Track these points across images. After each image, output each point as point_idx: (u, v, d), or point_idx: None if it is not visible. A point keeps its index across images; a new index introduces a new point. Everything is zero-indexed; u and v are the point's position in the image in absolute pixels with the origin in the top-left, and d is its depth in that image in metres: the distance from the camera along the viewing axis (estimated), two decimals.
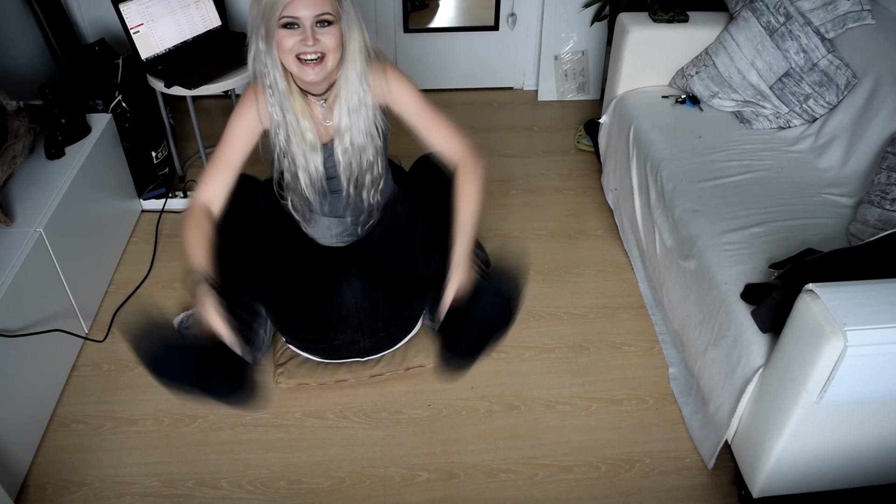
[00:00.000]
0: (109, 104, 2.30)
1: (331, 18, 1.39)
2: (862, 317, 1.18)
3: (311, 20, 1.37)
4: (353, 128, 1.53)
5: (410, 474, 1.63)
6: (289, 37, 1.38)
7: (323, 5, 1.38)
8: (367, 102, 1.51)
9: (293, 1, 1.35)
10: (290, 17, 1.36)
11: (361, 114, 1.51)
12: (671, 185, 1.89)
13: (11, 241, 1.69)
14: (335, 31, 1.40)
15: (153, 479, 1.61)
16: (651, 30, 2.23)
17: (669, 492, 1.59)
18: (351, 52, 1.45)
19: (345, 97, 1.50)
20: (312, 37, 1.38)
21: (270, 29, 1.39)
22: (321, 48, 1.40)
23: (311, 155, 1.55)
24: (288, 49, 1.40)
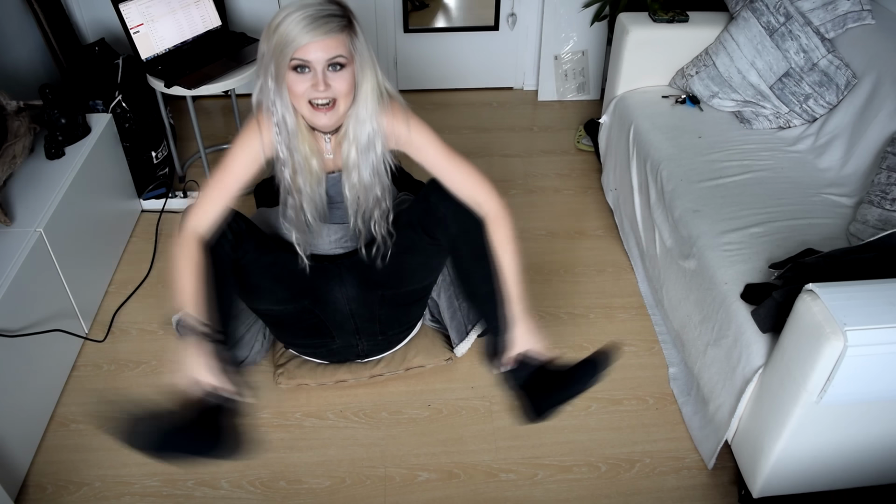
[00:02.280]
0: (109, 104, 2.30)
1: (343, 61, 1.33)
2: (862, 317, 1.18)
3: (323, 64, 1.31)
4: (362, 166, 1.47)
5: (410, 474, 1.63)
6: (300, 81, 1.32)
7: (336, 48, 1.31)
8: (376, 143, 1.45)
9: (306, 44, 1.29)
10: (300, 59, 1.30)
11: (370, 154, 1.46)
12: (671, 185, 1.89)
13: (11, 241, 1.69)
14: (348, 74, 1.35)
15: (153, 479, 1.61)
16: (651, 30, 2.23)
17: (669, 492, 1.59)
18: (363, 93, 1.40)
19: (354, 136, 1.44)
20: (324, 82, 1.32)
21: (280, 70, 1.33)
22: (333, 93, 1.34)
23: (316, 186, 1.51)
24: (299, 94, 1.34)
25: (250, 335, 1.80)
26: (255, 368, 1.86)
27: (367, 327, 1.71)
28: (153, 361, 1.89)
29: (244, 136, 1.48)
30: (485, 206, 1.51)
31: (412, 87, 3.17)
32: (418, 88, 3.17)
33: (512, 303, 1.52)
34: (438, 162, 1.51)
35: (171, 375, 1.37)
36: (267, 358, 1.88)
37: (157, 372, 1.86)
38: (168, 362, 1.45)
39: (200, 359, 1.37)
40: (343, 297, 1.64)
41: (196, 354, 1.37)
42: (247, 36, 2.44)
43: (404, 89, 3.16)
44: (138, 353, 1.91)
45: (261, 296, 1.65)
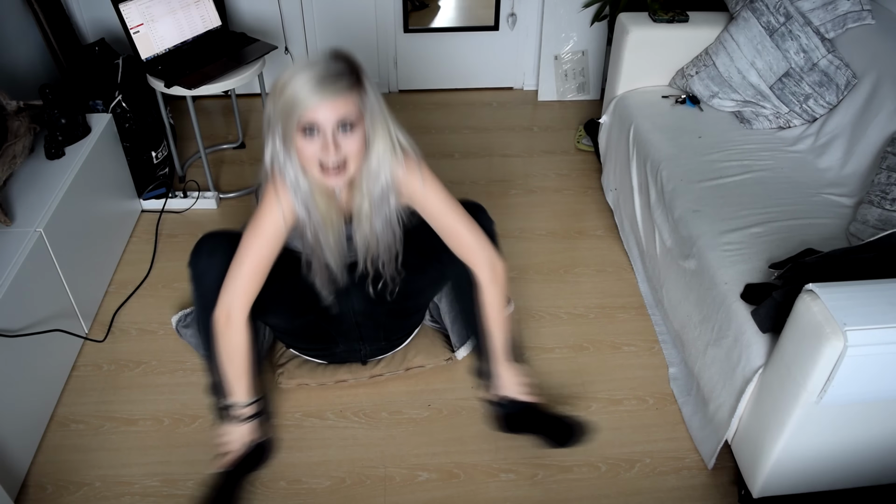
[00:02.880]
0: (109, 104, 2.30)
1: (353, 121, 1.28)
2: (862, 317, 1.18)
3: (332, 126, 1.26)
4: (374, 219, 1.44)
5: (410, 474, 1.63)
6: (309, 144, 1.28)
7: (345, 108, 1.26)
8: (389, 197, 1.42)
9: (313, 107, 1.24)
10: (309, 122, 1.25)
11: (384, 208, 1.43)
12: (671, 185, 1.89)
13: (11, 241, 1.69)
14: (358, 134, 1.30)
15: (153, 479, 1.61)
16: (651, 30, 2.23)
17: (669, 492, 1.59)
18: (375, 149, 1.35)
19: (367, 189, 1.40)
20: (334, 144, 1.27)
21: (288, 132, 1.28)
22: (343, 156, 1.29)
23: (339, 237, 1.48)
24: (309, 157, 1.30)
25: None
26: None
27: (371, 334, 1.72)
28: (153, 361, 1.89)
29: (265, 208, 1.41)
30: (477, 272, 1.55)
31: (412, 88, 3.17)
32: (418, 88, 3.17)
33: (497, 357, 1.61)
34: (445, 221, 1.49)
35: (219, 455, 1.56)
36: (267, 358, 1.88)
37: (157, 372, 1.86)
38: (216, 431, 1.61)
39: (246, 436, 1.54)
40: (349, 311, 1.65)
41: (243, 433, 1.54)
42: (247, 36, 2.44)
43: (404, 89, 3.16)
44: (138, 353, 1.91)
45: (266, 314, 1.64)
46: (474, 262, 1.54)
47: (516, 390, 1.61)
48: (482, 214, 1.61)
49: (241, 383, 1.51)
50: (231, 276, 1.45)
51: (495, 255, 1.55)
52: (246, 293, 1.46)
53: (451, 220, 1.49)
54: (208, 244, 1.53)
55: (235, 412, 1.53)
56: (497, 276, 1.56)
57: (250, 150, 2.78)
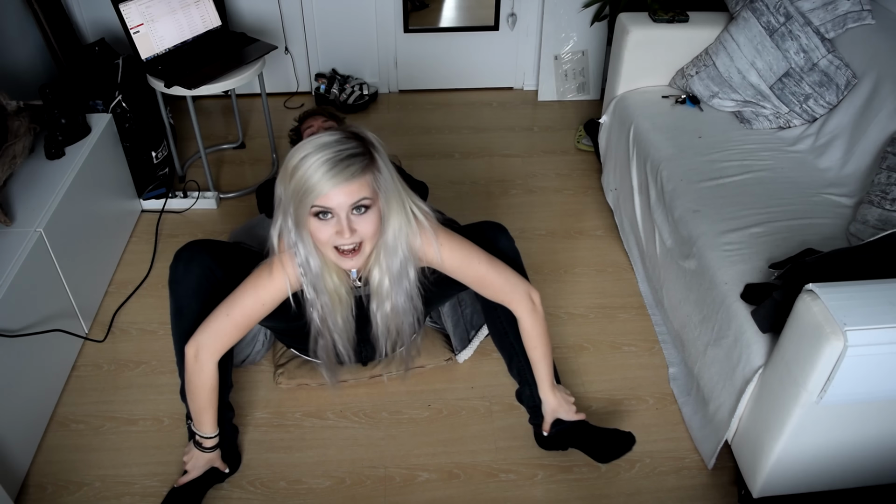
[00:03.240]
0: (109, 104, 2.30)
1: (368, 203, 1.24)
2: (862, 317, 1.18)
3: (346, 209, 1.23)
4: (395, 294, 1.40)
5: (410, 474, 1.63)
6: (323, 228, 1.25)
7: (360, 191, 1.22)
8: (409, 270, 1.39)
9: (326, 193, 1.20)
10: (323, 207, 1.22)
11: (404, 282, 1.39)
12: (671, 185, 1.89)
13: (11, 241, 1.69)
14: (373, 215, 1.26)
15: (153, 479, 1.61)
16: (651, 30, 2.23)
17: (669, 492, 1.59)
18: (391, 224, 1.32)
19: (386, 265, 1.37)
20: (349, 228, 1.24)
21: (301, 216, 1.25)
22: (359, 237, 1.26)
23: (347, 315, 1.45)
24: (324, 241, 1.27)
25: (251, 335, 1.80)
26: (255, 368, 1.86)
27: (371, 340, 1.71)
28: (153, 361, 1.89)
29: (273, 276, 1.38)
30: (517, 312, 1.55)
31: (412, 87, 3.17)
32: (418, 88, 3.17)
33: (544, 385, 1.61)
34: (470, 276, 1.47)
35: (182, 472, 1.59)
36: (267, 358, 1.88)
37: (157, 372, 1.86)
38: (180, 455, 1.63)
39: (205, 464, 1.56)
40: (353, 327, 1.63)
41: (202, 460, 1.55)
42: (247, 36, 2.44)
43: (404, 89, 3.16)
44: (138, 353, 1.91)
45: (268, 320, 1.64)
46: (510, 302, 1.54)
47: (566, 411, 1.61)
48: (502, 235, 1.59)
49: (204, 416, 1.52)
50: (213, 319, 1.43)
51: (528, 287, 1.54)
52: (221, 341, 1.45)
53: (475, 273, 1.47)
54: (187, 253, 1.51)
55: (198, 439, 1.54)
56: (536, 306, 1.55)
57: (250, 151, 2.78)
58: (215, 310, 1.44)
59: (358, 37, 2.97)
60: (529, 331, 1.57)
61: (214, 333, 1.44)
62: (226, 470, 1.59)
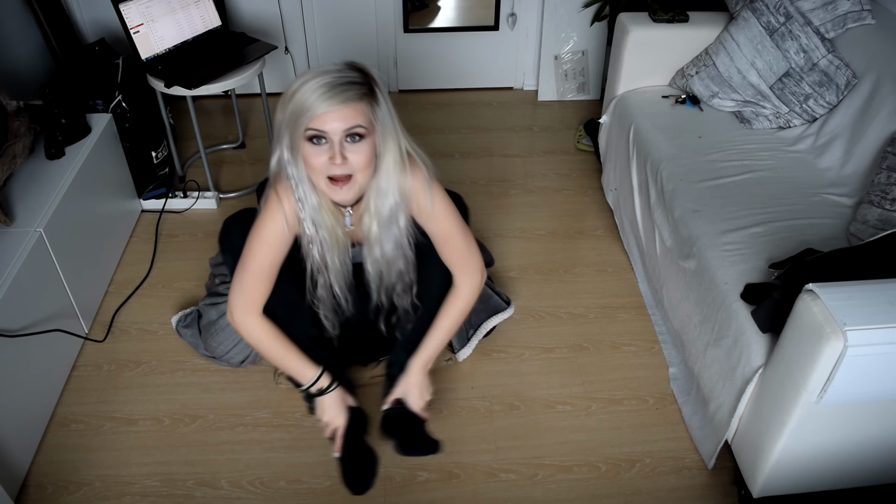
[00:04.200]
0: (109, 104, 2.30)
1: (363, 132, 1.24)
2: (862, 317, 1.18)
3: (340, 135, 1.23)
4: (384, 240, 1.40)
5: (410, 474, 1.63)
6: (316, 154, 1.25)
7: (354, 117, 1.23)
8: (399, 217, 1.38)
9: (321, 114, 1.21)
10: (316, 129, 1.22)
11: (393, 228, 1.39)
12: (671, 185, 1.89)
13: (11, 241, 1.69)
14: (367, 145, 1.26)
15: (153, 479, 1.61)
16: (651, 30, 2.23)
17: (669, 492, 1.59)
18: (385, 164, 1.31)
19: (375, 209, 1.37)
20: (341, 154, 1.24)
21: (296, 140, 1.25)
22: (350, 167, 1.26)
23: (344, 258, 1.46)
24: (316, 167, 1.26)
25: None
26: (255, 368, 1.86)
27: (373, 340, 1.72)
28: (153, 361, 1.89)
29: (268, 215, 1.38)
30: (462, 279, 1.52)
31: (412, 88, 3.17)
32: (418, 88, 3.17)
33: (421, 356, 1.56)
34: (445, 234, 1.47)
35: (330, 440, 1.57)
36: None
37: (157, 372, 1.86)
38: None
39: (337, 407, 1.53)
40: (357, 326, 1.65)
41: (332, 406, 1.53)
42: (247, 36, 2.44)
43: (404, 89, 3.16)
44: (138, 353, 1.91)
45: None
46: (463, 268, 1.51)
47: (417, 399, 1.56)
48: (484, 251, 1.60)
49: (292, 362, 1.50)
50: (237, 283, 1.43)
51: (482, 273, 1.53)
52: (250, 296, 1.44)
53: (448, 227, 1.46)
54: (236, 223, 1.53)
55: (314, 389, 1.52)
56: (478, 287, 1.54)
57: (250, 150, 2.78)
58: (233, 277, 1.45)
59: (358, 37, 2.97)
60: (457, 303, 1.53)
61: (240, 292, 1.44)
62: (357, 404, 1.56)
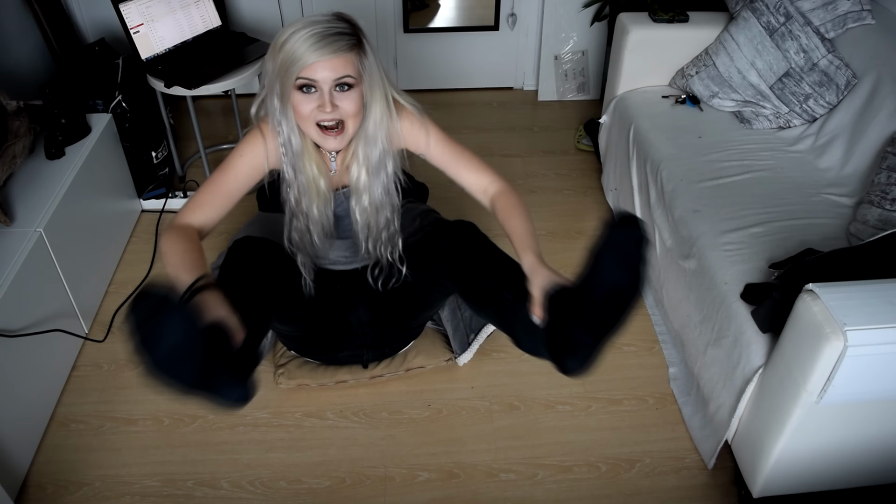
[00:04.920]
0: (109, 104, 2.30)
1: (352, 81, 1.28)
2: (862, 317, 1.18)
3: (329, 84, 1.26)
4: (373, 187, 1.42)
5: (410, 474, 1.63)
6: (305, 101, 1.28)
7: (344, 67, 1.26)
8: (387, 162, 1.41)
9: (311, 64, 1.24)
10: (307, 79, 1.26)
11: (381, 175, 1.41)
12: (671, 185, 1.89)
13: (11, 241, 1.69)
14: (356, 94, 1.30)
15: (153, 479, 1.61)
16: (651, 30, 2.23)
17: (669, 492, 1.59)
18: (372, 113, 1.35)
19: (364, 156, 1.39)
20: (331, 102, 1.27)
21: (286, 89, 1.28)
22: (340, 115, 1.30)
23: (323, 208, 1.46)
24: (305, 115, 1.29)
25: None
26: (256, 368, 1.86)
27: (375, 342, 1.73)
28: None
29: (247, 143, 1.41)
30: (490, 189, 1.48)
31: (412, 87, 3.16)
32: (418, 88, 3.16)
33: (529, 254, 1.32)
34: (451, 162, 1.49)
35: None
36: (267, 358, 1.88)
37: None
38: None
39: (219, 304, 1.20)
40: (355, 320, 1.65)
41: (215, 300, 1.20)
42: (247, 36, 2.44)
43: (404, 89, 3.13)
44: None
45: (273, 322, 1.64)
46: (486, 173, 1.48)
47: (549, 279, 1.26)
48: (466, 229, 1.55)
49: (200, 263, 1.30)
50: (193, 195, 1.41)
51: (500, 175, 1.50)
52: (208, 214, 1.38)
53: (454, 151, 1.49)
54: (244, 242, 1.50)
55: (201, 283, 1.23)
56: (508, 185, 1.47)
57: None
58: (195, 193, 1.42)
59: None
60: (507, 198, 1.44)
61: (191, 202, 1.39)
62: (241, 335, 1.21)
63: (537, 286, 1.27)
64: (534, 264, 1.30)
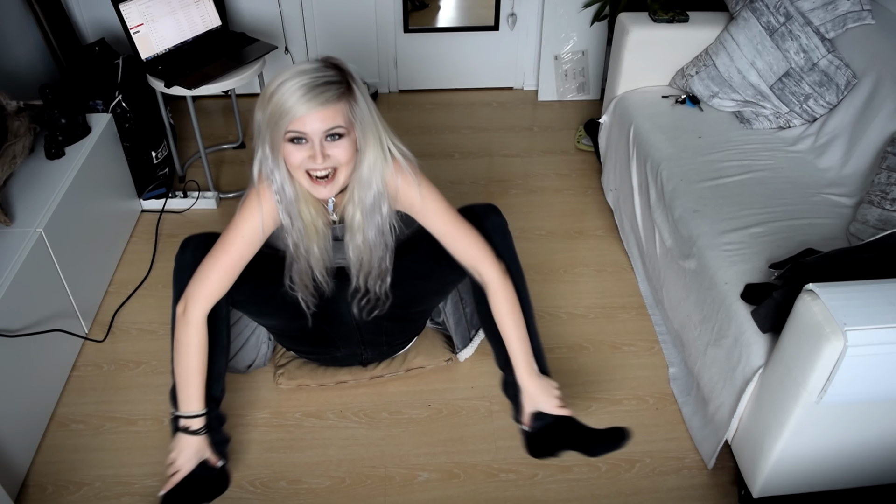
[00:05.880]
0: (109, 104, 2.30)
1: (342, 131, 1.27)
2: (862, 317, 1.18)
3: (320, 135, 1.26)
4: (367, 228, 1.42)
5: (410, 474, 1.63)
6: (296, 151, 1.28)
7: (333, 118, 1.25)
8: (382, 205, 1.40)
9: (300, 116, 1.23)
10: (297, 131, 1.26)
11: (376, 216, 1.41)
12: (671, 185, 1.89)
13: (11, 241, 1.69)
14: (347, 143, 1.29)
15: (153, 479, 1.61)
16: (651, 30, 2.23)
17: (669, 492, 1.59)
18: (366, 158, 1.34)
19: (358, 199, 1.38)
20: (322, 153, 1.27)
21: (276, 140, 1.28)
22: (332, 164, 1.29)
23: (324, 245, 1.46)
24: (296, 165, 1.29)
25: (255, 338, 1.78)
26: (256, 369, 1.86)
27: (372, 339, 1.72)
28: (153, 361, 1.89)
29: (246, 211, 1.41)
30: (485, 276, 1.49)
31: (412, 88, 3.17)
32: (418, 88, 3.17)
33: (521, 368, 1.50)
34: (445, 231, 1.47)
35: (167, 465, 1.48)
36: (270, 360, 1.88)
37: (157, 372, 1.86)
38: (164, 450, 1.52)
39: (194, 453, 1.47)
40: (350, 315, 1.63)
41: (191, 448, 1.46)
42: (247, 36, 2.44)
43: (404, 89, 3.16)
44: (138, 353, 1.91)
45: (263, 318, 1.65)
46: (480, 261, 1.49)
47: (548, 402, 1.48)
48: (494, 214, 1.57)
49: (190, 385, 1.45)
50: (199, 272, 1.44)
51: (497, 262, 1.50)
52: (209, 290, 1.44)
53: (451, 230, 1.46)
54: (196, 240, 1.52)
55: (184, 422, 1.46)
56: (504, 278, 1.50)
57: (250, 151, 2.77)
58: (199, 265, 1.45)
59: (358, 37, 2.97)
60: (500, 301, 1.49)
61: (201, 280, 1.43)
62: (218, 464, 1.50)
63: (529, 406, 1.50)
64: (525, 380, 1.50)
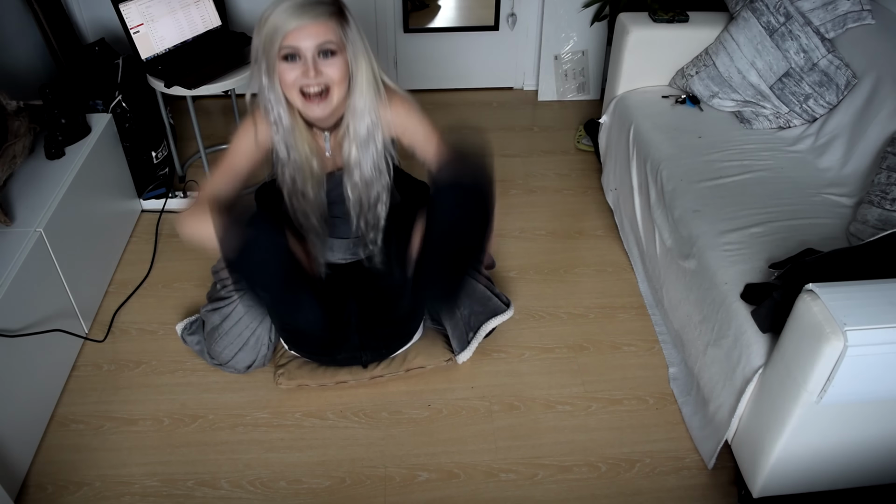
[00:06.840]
0: (109, 104, 2.30)
1: (334, 48, 1.32)
2: (862, 317, 1.18)
3: (312, 51, 1.30)
4: (363, 161, 1.44)
5: (410, 474, 1.63)
6: (290, 70, 1.32)
7: (325, 34, 1.30)
8: (376, 136, 1.43)
9: (293, 31, 1.28)
10: (290, 47, 1.30)
11: (370, 148, 1.44)
12: (671, 185, 1.89)
13: (11, 241, 1.69)
14: (339, 61, 1.33)
15: (153, 479, 1.61)
16: (651, 30, 2.23)
17: (669, 492, 1.59)
18: (358, 83, 1.38)
19: (353, 131, 1.42)
20: (314, 68, 1.31)
21: (271, 62, 1.32)
22: (324, 80, 1.33)
23: (318, 190, 1.48)
24: (290, 83, 1.33)
25: (255, 339, 1.78)
26: None
27: (370, 343, 1.73)
28: (153, 361, 1.89)
29: (241, 132, 1.47)
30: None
31: (412, 88, 3.16)
32: (418, 88, 3.17)
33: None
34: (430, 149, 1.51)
35: None
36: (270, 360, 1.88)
37: (157, 372, 1.86)
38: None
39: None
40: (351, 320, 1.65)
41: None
42: (247, 36, 2.44)
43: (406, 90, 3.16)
44: (138, 353, 1.91)
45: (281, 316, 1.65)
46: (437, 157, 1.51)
47: None
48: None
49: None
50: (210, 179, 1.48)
51: None
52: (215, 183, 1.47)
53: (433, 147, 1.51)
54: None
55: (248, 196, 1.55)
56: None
57: None
58: None
59: None
60: None
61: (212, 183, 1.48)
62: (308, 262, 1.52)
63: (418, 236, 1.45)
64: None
